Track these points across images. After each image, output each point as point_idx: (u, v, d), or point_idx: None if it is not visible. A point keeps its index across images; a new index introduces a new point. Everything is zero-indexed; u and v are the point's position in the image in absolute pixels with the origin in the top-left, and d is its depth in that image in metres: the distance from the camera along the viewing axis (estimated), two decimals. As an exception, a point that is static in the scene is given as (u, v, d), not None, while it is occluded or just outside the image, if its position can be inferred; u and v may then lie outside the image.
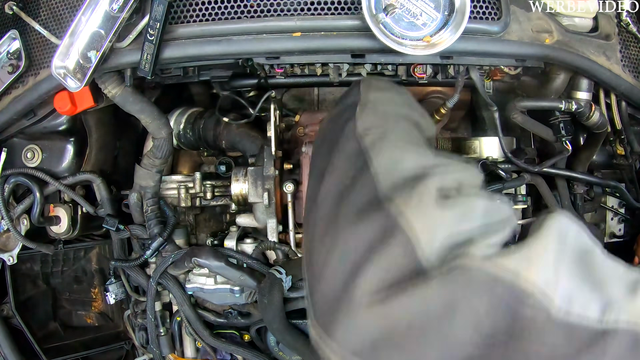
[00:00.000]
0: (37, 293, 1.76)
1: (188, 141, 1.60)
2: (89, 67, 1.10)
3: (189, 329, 1.50)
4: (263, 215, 1.37)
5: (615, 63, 1.29)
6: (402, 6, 1.09)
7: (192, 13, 1.15)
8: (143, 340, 1.62)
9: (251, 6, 1.14)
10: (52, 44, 1.21)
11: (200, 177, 1.52)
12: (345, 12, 1.13)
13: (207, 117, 1.58)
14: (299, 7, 1.13)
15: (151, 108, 1.31)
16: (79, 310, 1.88)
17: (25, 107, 1.29)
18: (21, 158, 1.44)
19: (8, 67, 1.25)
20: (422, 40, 1.11)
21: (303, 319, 1.49)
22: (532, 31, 1.20)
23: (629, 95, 1.33)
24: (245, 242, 1.43)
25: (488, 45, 1.17)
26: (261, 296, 1.28)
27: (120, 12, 1.08)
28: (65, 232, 1.50)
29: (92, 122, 1.47)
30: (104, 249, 1.86)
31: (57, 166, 1.45)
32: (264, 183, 1.32)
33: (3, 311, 1.60)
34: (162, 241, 1.39)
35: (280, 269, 1.29)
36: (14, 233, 1.40)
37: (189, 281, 1.40)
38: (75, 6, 1.18)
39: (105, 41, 1.09)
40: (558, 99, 1.35)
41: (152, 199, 1.41)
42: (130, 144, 1.68)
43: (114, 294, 1.61)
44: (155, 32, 1.10)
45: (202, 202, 1.57)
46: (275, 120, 1.34)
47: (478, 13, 1.15)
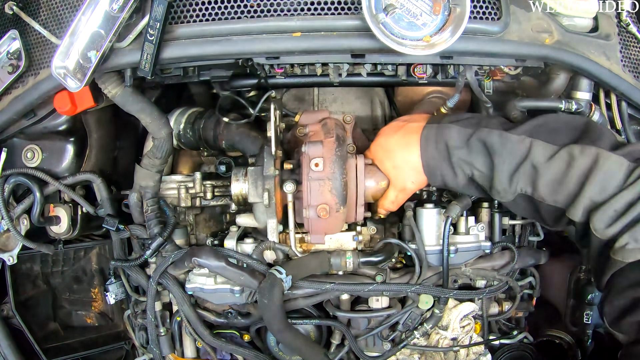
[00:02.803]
0: (37, 293, 1.76)
1: (188, 141, 1.60)
2: (89, 67, 1.10)
3: (189, 329, 1.50)
4: (263, 215, 1.37)
5: (615, 63, 1.29)
6: (402, 6, 1.09)
7: (192, 13, 1.15)
8: (143, 340, 1.62)
9: (251, 6, 1.14)
10: (52, 44, 1.21)
11: (200, 177, 1.52)
12: (345, 12, 1.14)
13: (207, 117, 1.58)
14: (299, 7, 1.13)
15: (151, 108, 1.31)
16: (79, 310, 1.88)
17: (25, 107, 1.29)
18: (21, 158, 1.44)
19: (8, 67, 1.25)
20: (422, 40, 1.11)
21: (303, 319, 1.50)
22: (532, 31, 1.20)
23: (629, 95, 1.33)
24: (245, 242, 1.43)
25: (488, 45, 1.18)
26: (261, 296, 1.28)
27: (120, 12, 1.08)
28: (65, 232, 1.50)
29: (92, 122, 1.47)
30: (104, 249, 1.86)
31: (57, 166, 1.45)
32: (264, 183, 1.32)
33: (3, 311, 1.61)
34: (162, 241, 1.39)
35: (280, 269, 1.29)
36: (14, 233, 1.40)
37: (189, 281, 1.40)
38: (75, 6, 1.18)
39: (105, 41, 1.09)
40: (558, 99, 1.35)
41: (152, 199, 1.41)
42: (130, 144, 1.68)
43: (114, 294, 1.61)
44: (155, 32, 1.10)
45: (202, 202, 1.57)
46: (275, 120, 1.34)
47: (478, 13, 1.15)
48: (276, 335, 1.39)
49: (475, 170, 1.21)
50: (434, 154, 1.24)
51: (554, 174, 1.11)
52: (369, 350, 1.55)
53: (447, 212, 1.37)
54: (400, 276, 1.45)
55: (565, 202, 1.11)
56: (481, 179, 1.22)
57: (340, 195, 1.26)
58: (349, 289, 1.38)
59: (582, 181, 1.07)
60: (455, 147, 1.21)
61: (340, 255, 1.37)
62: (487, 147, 1.18)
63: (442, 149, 1.22)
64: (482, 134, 1.18)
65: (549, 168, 1.11)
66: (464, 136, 1.20)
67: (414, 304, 1.46)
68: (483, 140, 1.18)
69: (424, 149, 1.25)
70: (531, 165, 1.13)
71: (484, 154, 1.19)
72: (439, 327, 1.52)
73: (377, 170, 1.36)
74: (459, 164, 1.21)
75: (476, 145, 1.19)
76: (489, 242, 1.46)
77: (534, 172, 1.13)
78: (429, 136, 1.25)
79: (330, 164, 1.25)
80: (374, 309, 1.48)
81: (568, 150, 1.10)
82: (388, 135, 1.32)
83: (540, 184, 1.13)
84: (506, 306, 1.63)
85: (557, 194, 1.12)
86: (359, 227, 1.46)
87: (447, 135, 1.22)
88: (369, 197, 1.38)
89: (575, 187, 1.08)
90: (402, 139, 1.29)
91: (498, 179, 1.17)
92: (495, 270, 1.49)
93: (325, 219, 1.25)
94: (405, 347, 1.53)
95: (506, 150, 1.15)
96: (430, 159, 1.24)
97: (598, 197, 1.05)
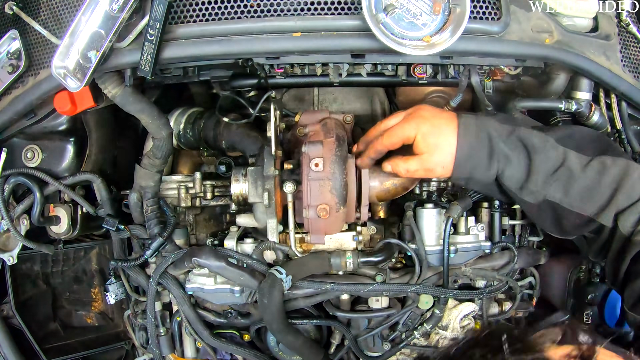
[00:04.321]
0: (37, 293, 1.76)
1: (188, 141, 1.60)
2: (89, 67, 1.10)
3: (189, 329, 1.50)
4: (263, 215, 1.37)
5: (615, 63, 1.29)
6: (402, 6, 1.09)
7: (192, 13, 1.15)
8: (143, 340, 1.62)
9: (251, 6, 1.14)
10: (52, 44, 1.21)
11: (200, 177, 1.52)
12: (345, 12, 1.14)
13: (207, 117, 1.58)
14: (299, 7, 1.13)
15: (151, 108, 1.31)
16: (79, 310, 1.88)
17: (25, 107, 1.29)
18: (21, 158, 1.44)
19: (8, 67, 1.25)
20: (422, 40, 1.11)
21: (303, 319, 1.50)
22: (532, 31, 1.20)
23: (629, 95, 1.33)
24: (245, 242, 1.43)
25: (488, 45, 1.18)
26: (261, 296, 1.28)
27: (120, 12, 1.08)
28: (65, 232, 1.50)
29: (92, 122, 1.47)
30: (104, 249, 1.87)
31: (57, 166, 1.45)
32: (264, 183, 1.32)
33: (3, 311, 1.61)
34: (162, 241, 1.39)
35: (280, 269, 1.29)
36: (14, 233, 1.40)
37: (189, 281, 1.40)
38: (75, 6, 1.18)
39: (105, 41, 1.09)
40: (558, 99, 1.36)
41: (152, 199, 1.41)
42: (130, 144, 1.68)
43: (114, 294, 1.61)
44: (155, 32, 1.10)
45: (202, 202, 1.57)
46: (275, 120, 1.34)
47: (478, 13, 1.15)
48: (276, 336, 1.39)
49: (508, 168, 1.20)
50: (472, 143, 1.20)
51: (587, 182, 1.16)
52: (369, 350, 1.55)
53: (448, 212, 1.37)
54: (400, 276, 1.45)
55: (594, 209, 1.17)
56: (509, 179, 1.21)
57: (340, 195, 1.26)
58: (349, 289, 1.38)
59: (614, 189, 1.15)
60: (498, 137, 1.20)
61: (340, 255, 1.37)
62: (527, 147, 1.19)
63: (484, 137, 1.20)
64: (523, 133, 1.20)
65: (583, 176, 1.17)
66: (506, 131, 1.21)
67: (414, 304, 1.46)
68: (524, 139, 1.19)
69: (462, 136, 1.20)
70: (568, 171, 1.17)
71: (523, 153, 1.19)
72: (439, 327, 1.51)
73: (381, 170, 1.36)
74: (499, 156, 1.19)
75: (515, 143, 1.20)
76: (489, 242, 1.46)
77: (568, 179, 1.17)
78: (469, 124, 1.21)
79: (330, 164, 1.25)
80: (374, 309, 1.48)
81: (600, 161, 1.17)
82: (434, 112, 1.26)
83: (572, 191, 1.17)
84: (506, 306, 1.63)
85: (587, 202, 1.17)
86: (359, 227, 1.46)
87: (490, 126, 1.21)
88: (373, 197, 1.38)
89: (607, 194, 1.16)
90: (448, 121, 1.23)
91: (533, 179, 1.18)
92: (495, 270, 1.49)
93: (325, 219, 1.25)
94: (405, 347, 1.53)
95: (546, 152, 1.18)
96: (468, 147, 1.20)
97: (625, 203, 1.14)
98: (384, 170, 1.32)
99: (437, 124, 1.22)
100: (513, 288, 1.55)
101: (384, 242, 1.43)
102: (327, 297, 1.44)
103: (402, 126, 1.24)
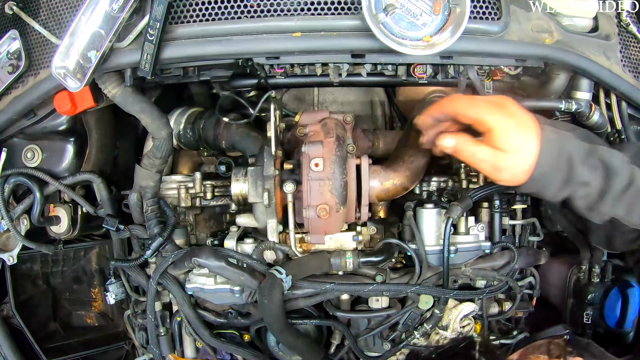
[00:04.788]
0: (37, 293, 1.77)
1: (188, 141, 1.60)
2: (89, 67, 1.10)
3: (189, 329, 1.50)
4: (263, 215, 1.37)
5: (615, 63, 1.29)
6: (402, 6, 1.09)
7: (192, 13, 1.15)
8: (143, 340, 1.62)
9: (251, 6, 1.14)
10: (52, 44, 1.21)
11: (200, 177, 1.52)
12: (345, 12, 1.14)
13: (207, 117, 1.58)
14: (299, 7, 1.13)
15: (151, 108, 1.31)
16: (79, 310, 1.88)
17: (25, 107, 1.29)
18: (21, 158, 1.44)
19: (8, 67, 1.25)
20: (422, 40, 1.11)
21: (303, 319, 1.50)
22: (532, 31, 1.20)
23: (629, 95, 1.33)
24: (245, 242, 1.43)
25: (488, 45, 1.18)
26: (261, 296, 1.28)
27: (120, 12, 1.08)
28: (65, 232, 1.50)
29: (92, 122, 1.47)
30: (104, 249, 1.87)
31: (57, 166, 1.45)
32: (264, 183, 1.32)
33: (3, 311, 1.61)
34: (162, 241, 1.39)
35: (280, 269, 1.29)
36: (14, 233, 1.40)
37: (189, 281, 1.40)
38: (75, 6, 1.18)
39: (105, 41, 1.09)
40: (558, 99, 1.36)
41: (152, 199, 1.41)
42: (130, 144, 1.68)
43: (114, 294, 1.61)
44: (155, 32, 1.10)
45: (202, 202, 1.57)
46: (275, 120, 1.34)
47: (478, 13, 1.16)
48: (276, 336, 1.39)
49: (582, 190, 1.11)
50: (551, 163, 1.08)
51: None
52: (369, 350, 1.55)
53: (448, 212, 1.37)
54: (400, 276, 1.45)
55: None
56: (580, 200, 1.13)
57: (340, 195, 1.26)
58: (349, 289, 1.38)
59: None
60: (579, 162, 1.10)
61: (340, 255, 1.37)
62: (607, 168, 1.11)
63: (563, 161, 1.09)
64: (604, 153, 1.12)
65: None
66: (585, 151, 1.11)
67: (414, 304, 1.46)
68: (605, 159, 1.11)
69: (544, 152, 1.07)
70: (636, 190, 1.11)
71: (602, 175, 1.11)
72: (439, 327, 1.52)
73: (381, 170, 1.35)
74: (576, 182, 1.10)
75: (596, 164, 1.11)
76: (489, 242, 1.46)
77: (635, 198, 1.12)
78: (552, 141, 1.09)
79: (330, 164, 1.25)
80: (374, 309, 1.48)
81: None
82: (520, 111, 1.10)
83: (637, 208, 1.12)
84: (506, 306, 1.63)
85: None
86: (359, 227, 1.46)
87: (572, 146, 1.10)
88: (373, 197, 1.38)
89: None
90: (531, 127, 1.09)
91: (606, 201, 1.12)
92: (495, 270, 1.49)
93: (325, 219, 1.25)
94: (405, 347, 1.53)
95: (623, 173, 1.11)
96: (546, 166, 1.08)
97: None
98: (441, 143, 1.13)
99: (523, 126, 1.08)
100: (513, 288, 1.55)
101: (384, 242, 1.43)
102: (327, 297, 1.44)
103: (488, 107, 1.07)
